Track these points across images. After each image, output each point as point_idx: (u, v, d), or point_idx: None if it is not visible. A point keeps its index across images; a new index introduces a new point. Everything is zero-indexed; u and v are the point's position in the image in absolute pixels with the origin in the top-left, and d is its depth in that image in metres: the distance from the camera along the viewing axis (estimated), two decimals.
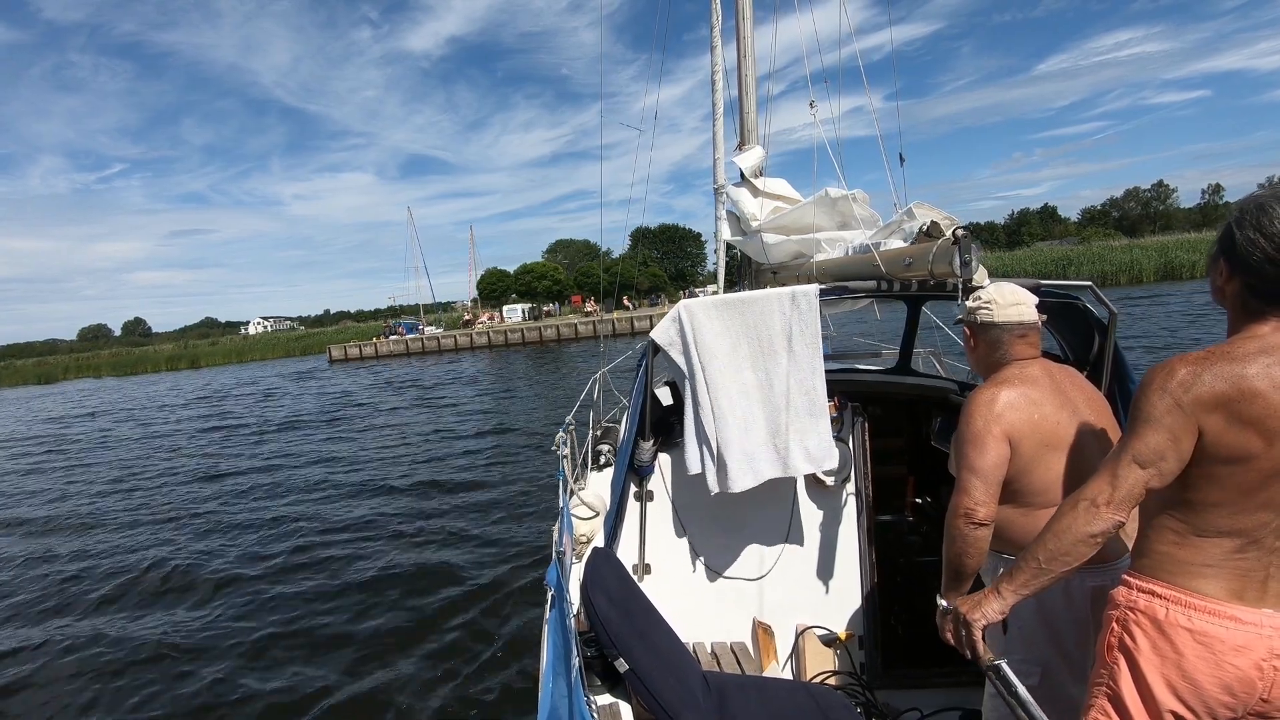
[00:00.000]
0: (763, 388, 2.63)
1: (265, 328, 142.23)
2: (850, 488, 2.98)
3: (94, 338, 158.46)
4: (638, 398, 2.91)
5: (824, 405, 2.63)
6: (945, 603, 1.75)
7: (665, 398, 3.14)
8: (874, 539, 2.94)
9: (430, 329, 56.37)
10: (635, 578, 2.84)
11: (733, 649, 2.82)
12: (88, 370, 66.58)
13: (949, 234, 2.30)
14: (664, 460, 2.98)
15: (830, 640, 2.87)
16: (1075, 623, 1.80)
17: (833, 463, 2.66)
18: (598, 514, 3.19)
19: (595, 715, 1.54)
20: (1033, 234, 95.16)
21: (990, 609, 1.59)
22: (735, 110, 4.58)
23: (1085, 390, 1.92)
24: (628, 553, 2.92)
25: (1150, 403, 1.37)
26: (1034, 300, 1.96)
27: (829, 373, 2.72)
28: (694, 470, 2.68)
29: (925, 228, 2.44)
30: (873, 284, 2.71)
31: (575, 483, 3.49)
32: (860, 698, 2.67)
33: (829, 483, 2.92)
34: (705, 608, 2.94)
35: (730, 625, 2.93)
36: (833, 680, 2.73)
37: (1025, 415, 1.77)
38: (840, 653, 2.85)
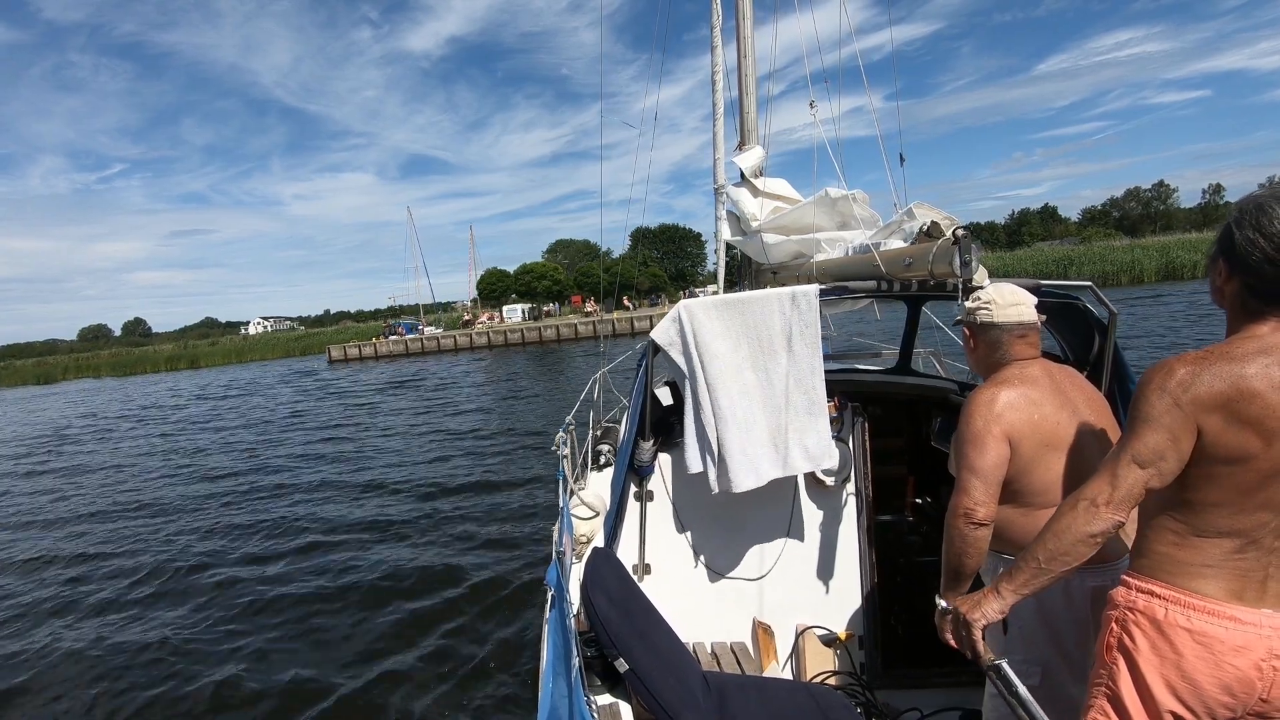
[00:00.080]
0: (763, 388, 2.63)
1: (265, 328, 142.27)
2: (850, 488, 2.98)
3: (94, 338, 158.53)
4: (638, 398, 2.91)
5: (823, 405, 2.63)
6: (945, 603, 1.75)
7: (665, 398, 3.14)
8: (874, 539, 2.94)
9: (430, 329, 56.34)
10: (635, 578, 2.84)
11: (733, 649, 2.82)
12: (87, 371, 66.52)
13: (949, 234, 2.31)
14: (664, 460, 2.98)
15: (830, 640, 2.87)
16: (1075, 623, 1.80)
17: (832, 461, 2.66)
18: (598, 514, 3.19)
19: (595, 715, 1.54)
20: (1033, 234, 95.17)
21: (990, 609, 1.59)
22: (735, 110, 4.59)
23: (1085, 390, 1.92)
24: (628, 553, 2.92)
25: (1149, 403, 1.37)
26: (1033, 300, 1.96)
27: (829, 373, 2.73)
28: (695, 470, 2.68)
29: (925, 228, 2.44)
30: (873, 284, 2.72)
31: (575, 483, 3.49)
32: (860, 698, 2.67)
33: (829, 483, 2.92)
34: (705, 608, 2.94)
35: (730, 625, 2.93)
36: (833, 680, 2.73)
37: (1025, 415, 1.77)
38: (840, 653, 2.85)
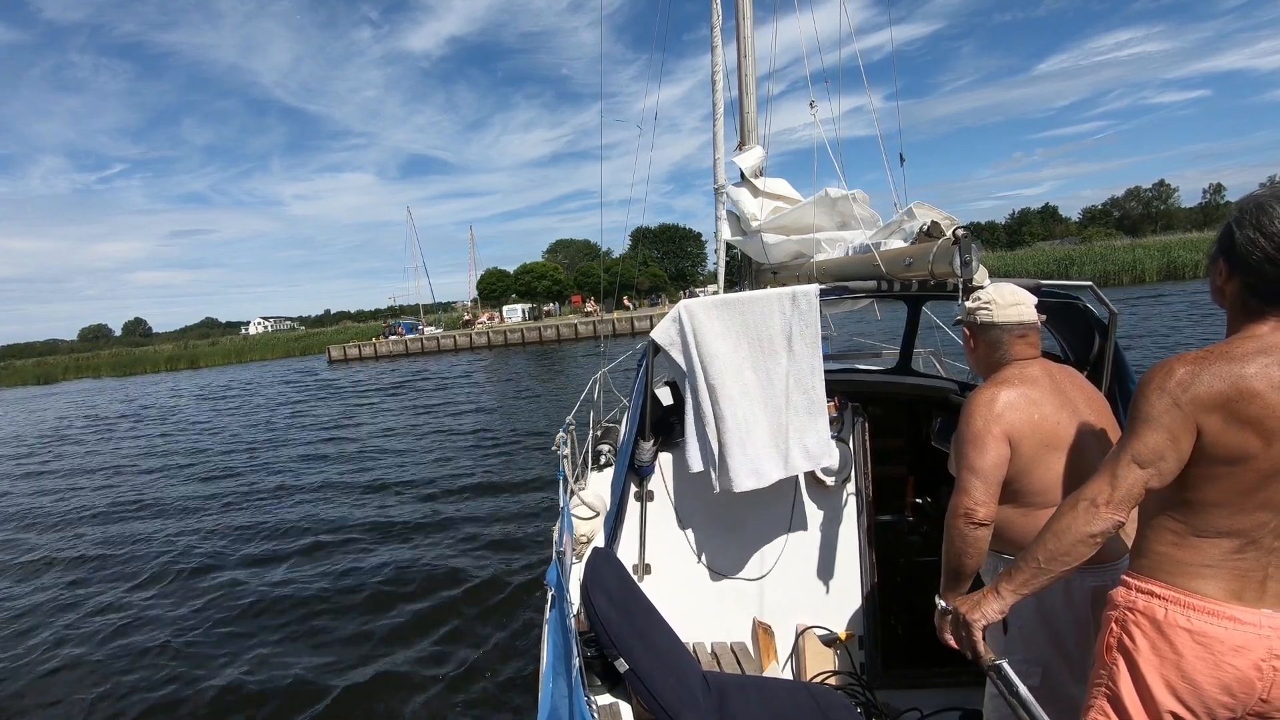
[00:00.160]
0: (763, 387, 2.63)
1: (265, 328, 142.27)
2: (850, 488, 2.98)
3: (94, 338, 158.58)
4: (638, 398, 2.91)
5: (823, 405, 2.63)
6: (944, 603, 1.75)
7: (665, 398, 3.14)
8: (874, 539, 2.94)
9: (430, 329, 56.33)
10: (635, 578, 2.84)
11: (733, 649, 2.82)
12: (87, 371, 66.48)
13: (949, 234, 2.31)
14: (664, 460, 2.98)
15: (830, 640, 2.87)
16: (1075, 623, 1.80)
17: (831, 460, 2.66)
18: (598, 514, 3.19)
19: (595, 715, 1.54)
20: (1033, 234, 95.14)
21: (990, 609, 1.59)
22: (735, 110, 4.59)
23: (1085, 390, 1.92)
24: (628, 553, 2.92)
25: (1149, 402, 1.37)
26: (1034, 300, 1.96)
27: (829, 373, 2.73)
28: (696, 469, 2.68)
29: (925, 228, 2.44)
30: (873, 284, 2.72)
31: (575, 483, 3.49)
32: (860, 698, 2.67)
33: (829, 483, 2.92)
34: (705, 608, 2.94)
35: (730, 625, 2.93)
36: (833, 680, 2.73)
37: (1025, 415, 1.77)
38: (840, 653, 2.85)
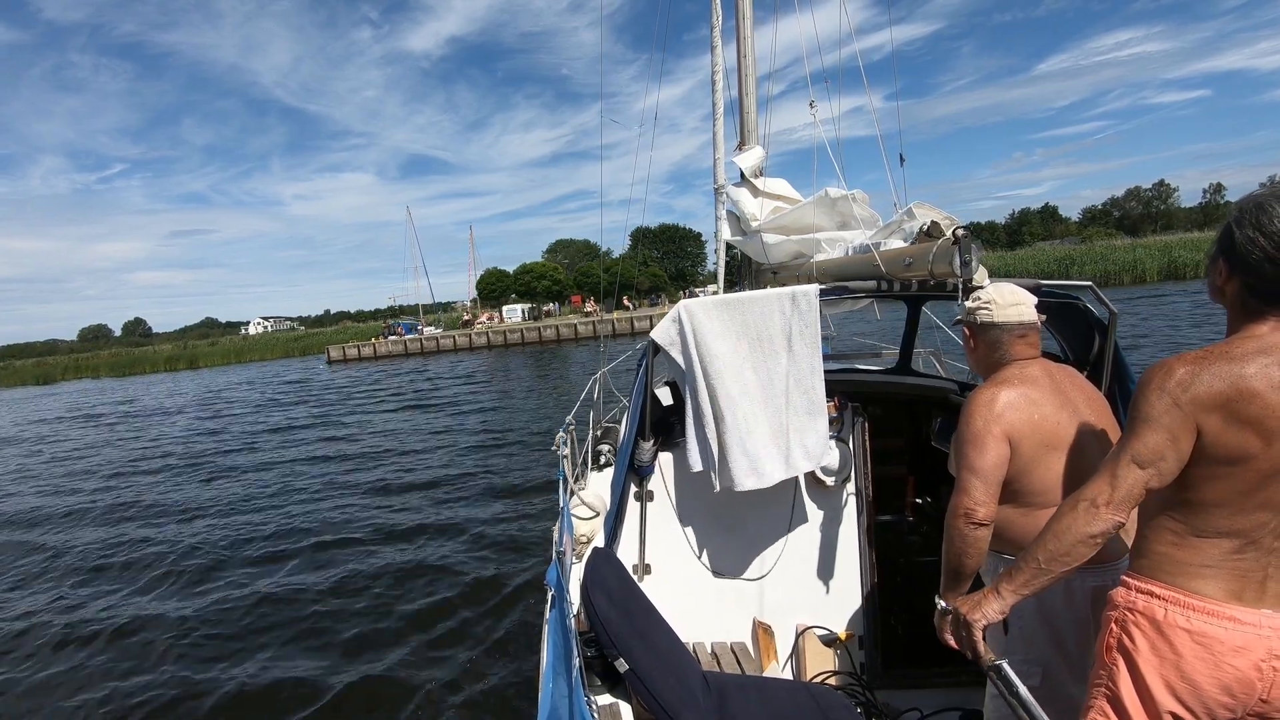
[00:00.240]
0: (763, 387, 2.63)
1: (265, 328, 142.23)
2: (850, 488, 2.98)
3: (94, 338, 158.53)
4: (638, 398, 2.91)
5: (823, 405, 2.63)
6: (945, 603, 1.75)
7: (665, 398, 3.14)
8: (874, 539, 2.94)
9: (429, 329, 56.31)
10: (635, 578, 2.84)
11: (733, 649, 2.82)
12: (86, 371, 66.40)
13: (949, 234, 2.31)
14: (664, 460, 2.98)
15: (830, 640, 2.87)
16: (1076, 623, 1.80)
17: (830, 459, 2.66)
18: (598, 514, 3.19)
19: (595, 715, 1.54)
20: (1034, 234, 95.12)
21: (990, 609, 1.59)
22: (735, 110, 4.59)
23: (1085, 390, 1.92)
24: (628, 553, 2.92)
25: (1149, 403, 1.37)
26: (1034, 300, 1.96)
27: (829, 373, 2.73)
28: (696, 469, 2.68)
29: (925, 228, 2.44)
30: (873, 284, 2.72)
31: (575, 483, 3.49)
32: (860, 698, 2.66)
33: (829, 483, 2.92)
34: (705, 608, 2.94)
35: (730, 625, 2.93)
36: (833, 680, 2.72)
37: (1025, 415, 1.77)
38: (840, 653, 2.85)
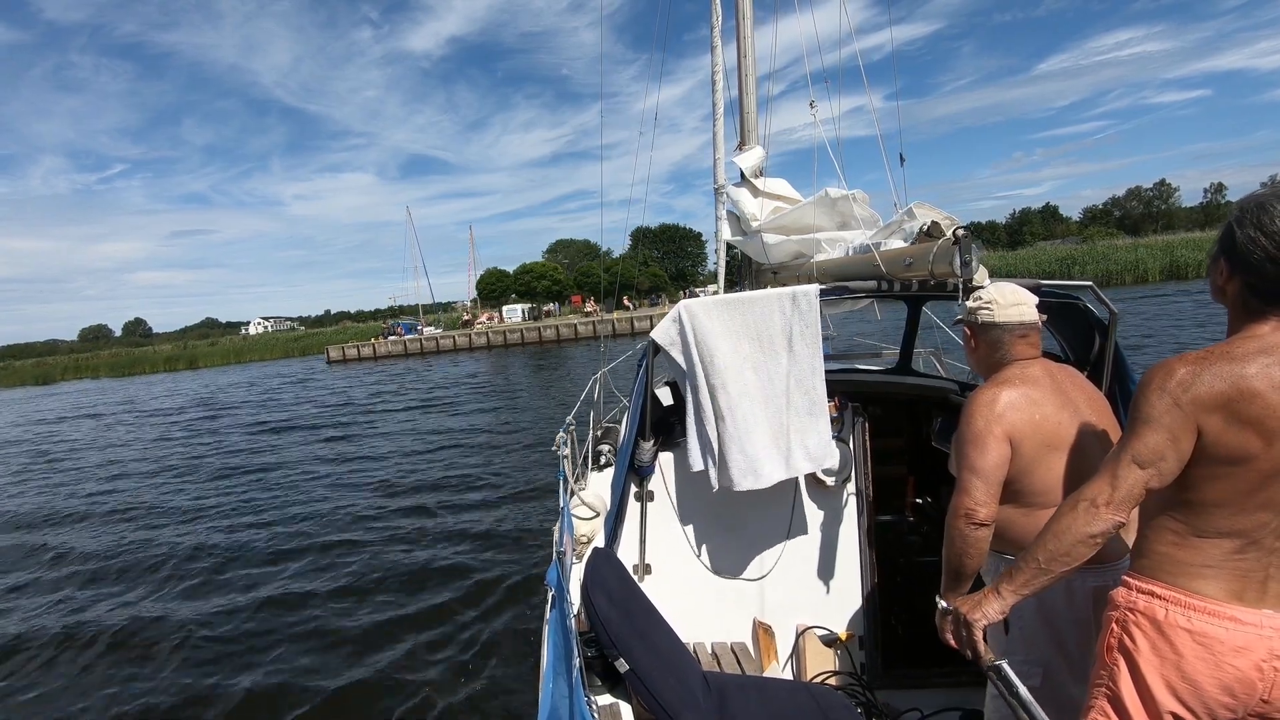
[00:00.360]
0: (763, 388, 2.63)
1: (266, 328, 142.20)
2: (850, 488, 2.98)
3: (94, 338, 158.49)
4: (638, 398, 2.91)
5: (824, 405, 2.63)
6: (945, 603, 1.75)
7: (666, 398, 3.14)
8: (874, 539, 2.94)
9: (429, 329, 56.28)
10: (636, 578, 2.84)
11: (733, 649, 2.82)
12: (86, 371, 66.36)
13: (949, 234, 2.31)
14: (664, 460, 2.98)
15: (831, 640, 2.87)
16: (1076, 623, 1.79)
17: (832, 461, 2.66)
18: (598, 514, 3.19)
19: (595, 715, 1.54)
20: (1034, 234, 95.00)
21: (990, 609, 1.59)
22: (735, 110, 4.58)
23: (1086, 390, 1.91)
24: (628, 553, 2.92)
25: (1149, 403, 1.37)
26: (1034, 300, 1.95)
27: (829, 373, 2.73)
28: (696, 469, 2.68)
29: (925, 228, 2.44)
30: (873, 284, 2.72)
31: (576, 483, 3.49)
32: (861, 698, 2.66)
33: (829, 483, 2.92)
34: (705, 608, 2.94)
35: (730, 625, 2.93)
36: (833, 680, 2.72)
37: (1026, 415, 1.76)
38: (841, 653, 2.85)
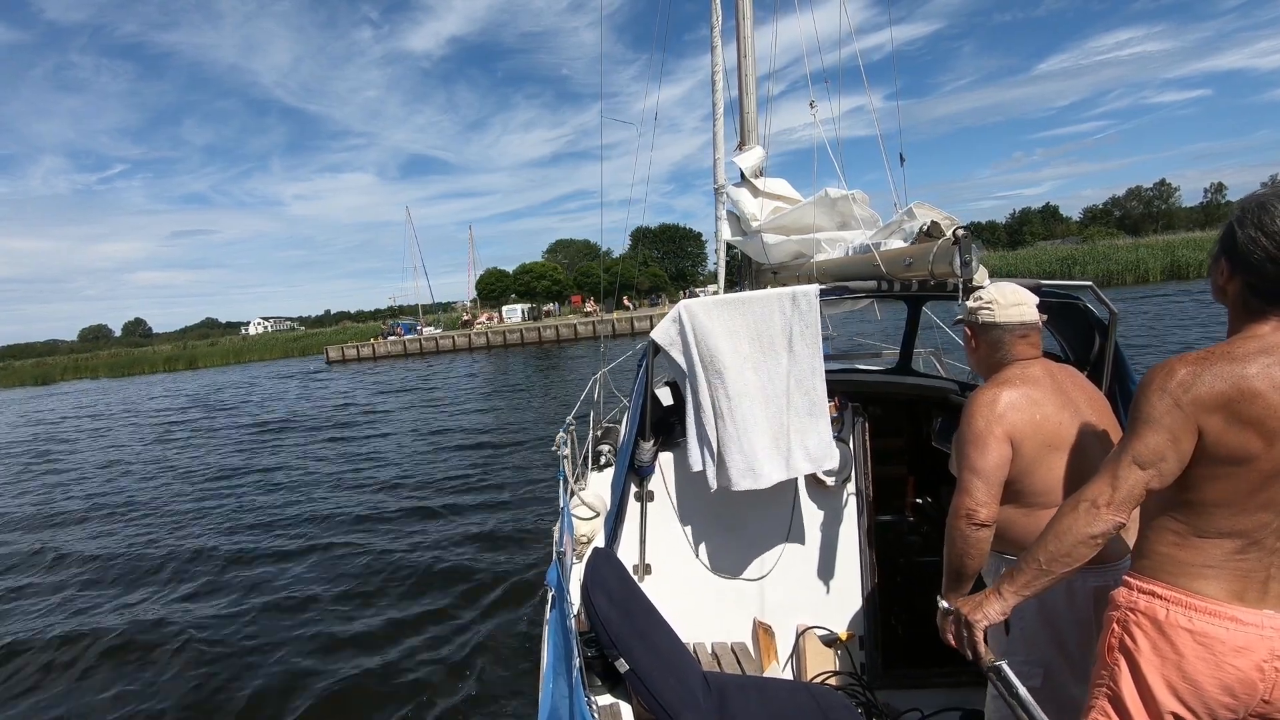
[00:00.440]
0: (763, 388, 2.62)
1: (266, 328, 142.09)
2: (850, 488, 2.98)
3: (94, 338, 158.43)
4: (638, 398, 2.91)
5: (824, 405, 2.63)
6: (946, 603, 1.75)
7: (666, 398, 3.14)
8: (874, 539, 2.94)
9: (429, 329, 56.27)
10: (636, 578, 2.84)
11: (733, 649, 2.82)
12: (85, 371, 66.38)
13: (949, 234, 2.30)
14: (665, 460, 2.98)
15: (831, 640, 2.87)
16: (1077, 623, 1.79)
17: (833, 462, 2.66)
18: (598, 514, 3.19)
19: (596, 715, 1.54)
20: (1034, 233, 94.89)
21: (991, 610, 1.59)
22: (735, 110, 4.58)
23: (1087, 390, 1.91)
24: (628, 553, 2.92)
25: (1150, 403, 1.37)
26: (1035, 300, 1.95)
27: (829, 373, 2.73)
28: (696, 469, 2.68)
29: (925, 228, 2.43)
30: (873, 284, 2.71)
31: (576, 483, 3.49)
32: (861, 698, 2.66)
33: (829, 483, 2.92)
34: (706, 608, 2.94)
35: (731, 625, 2.93)
36: (833, 680, 2.72)
37: (1027, 416, 1.76)
38: (841, 653, 2.85)
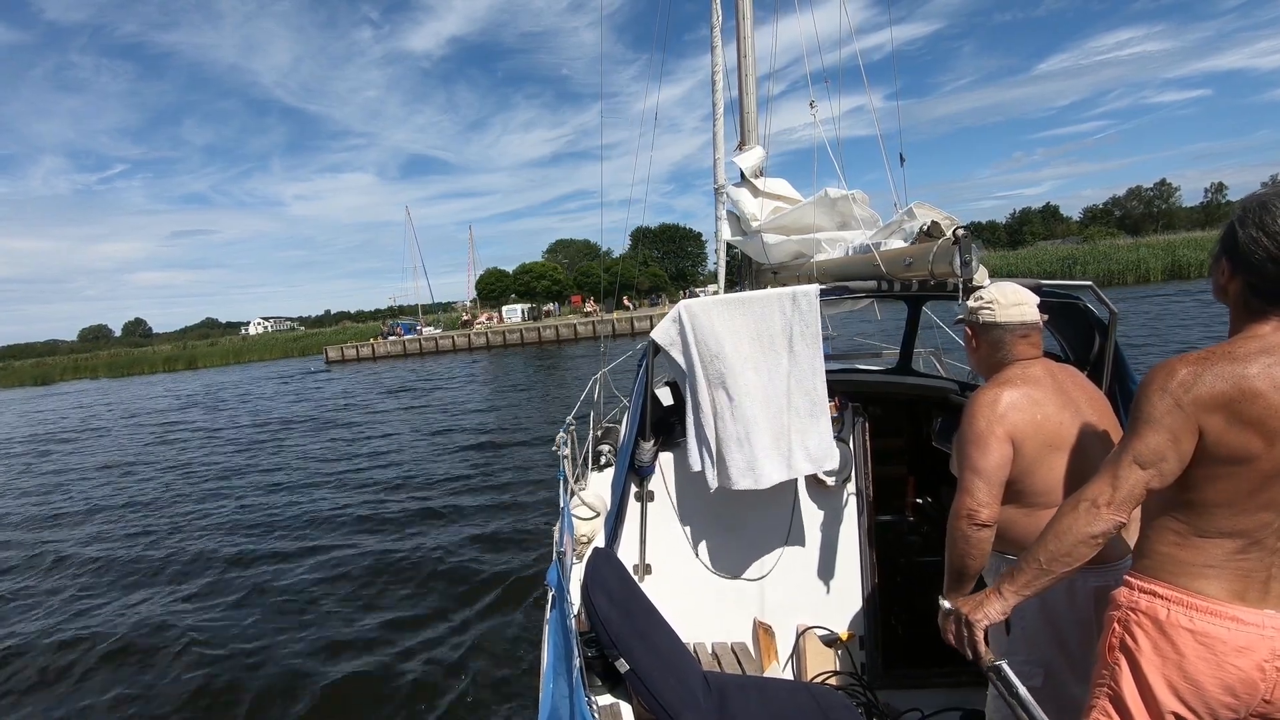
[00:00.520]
0: (764, 388, 2.62)
1: (266, 328, 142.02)
2: (851, 488, 2.98)
3: (94, 338, 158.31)
4: (638, 398, 2.91)
5: (825, 405, 2.63)
6: (948, 603, 1.75)
7: (666, 398, 3.14)
8: (874, 539, 2.94)
9: (429, 330, 56.22)
10: (636, 578, 2.84)
11: (733, 649, 2.82)
12: (84, 371, 66.38)
13: (949, 234, 2.30)
14: (665, 460, 2.98)
15: (831, 640, 2.87)
16: (1078, 623, 1.79)
17: (833, 463, 2.65)
18: (598, 514, 3.19)
19: (596, 715, 1.54)
20: (1034, 233, 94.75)
21: (992, 610, 1.58)
22: (735, 110, 4.58)
23: (1087, 390, 1.91)
24: (628, 553, 2.92)
25: (1151, 403, 1.37)
26: (1036, 300, 1.95)
27: (830, 373, 2.72)
28: (696, 469, 2.68)
29: (925, 228, 2.43)
30: (873, 284, 2.71)
31: (576, 483, 3.49)
32: (861, 698, 2.66)
33: (830, 483, 2.92)
34: (706, 608, 2.93)
35: (731, 625, 2.93)
36: (833, 680, 2.72)
37: (1028, 416, 1.76)
38: (841, 653, 2.85)
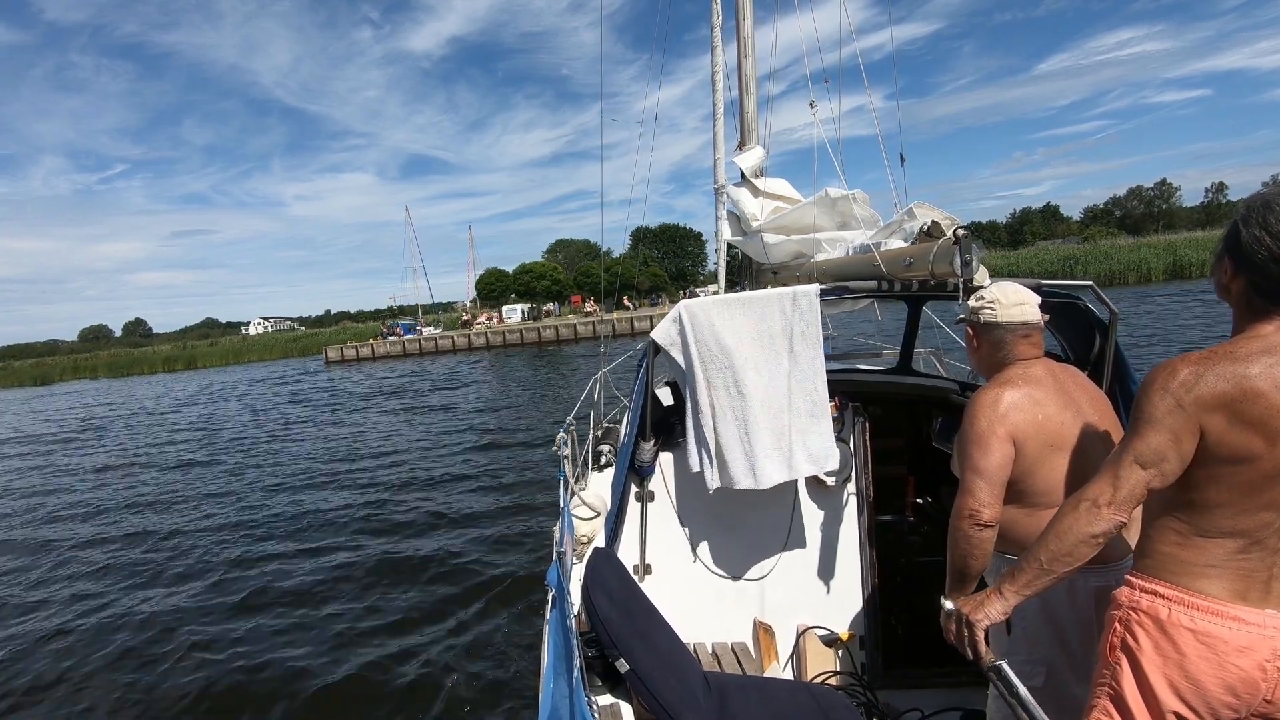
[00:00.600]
0: (764, 388, 2.62)
1: (266, 328, 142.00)
2: (851, 488, 2.98)
3: (94, 338, 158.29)
4: (638, 398, 2.91)
5: (825, 406, 2.63)
6: (949, 603, 1.75)
7: (666, 398, 3.14)
8: (874, 539, 2.94)
9: (428, 330, 56.22)
10: (636, 578, 2.84)
11: (734, 649, 2.82)
12: (84, 371, 66.32)
13: (949, 234, 2.30)
14: (665, 460, 2.98)
15: (831, 640, 2.87)
16: (1079, 623, 1.79)
17: (834, 463, 2.65)
18: (598, 514, 3.19)
19: (596, 715, 1.54)
20: (1035, 233, 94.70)
21: (993, 609, 1.58)
22: (735, 110, 4.58)
23: (1088, 390, 1.91)
24: (628, 553, 2.92)
25: (1152, 403, 1.37)
26: (1037, 300, 1.95)
27: (830, 373, 2.72)
28: (696, 469, 2.68)
29: (926, 228, 2.43)
30: (873, 284, 2.71)
31: (576, 483, 3.49)
32: (861, 698, 2.66)
33: (830, 483, 2.92)
34: (706, 608, 2.93)
35: (731, 625, 2.93)
36: (834, 680, 2.72)
37: (1029, 416, 1.76)
38: (841, 653, 2.84)
